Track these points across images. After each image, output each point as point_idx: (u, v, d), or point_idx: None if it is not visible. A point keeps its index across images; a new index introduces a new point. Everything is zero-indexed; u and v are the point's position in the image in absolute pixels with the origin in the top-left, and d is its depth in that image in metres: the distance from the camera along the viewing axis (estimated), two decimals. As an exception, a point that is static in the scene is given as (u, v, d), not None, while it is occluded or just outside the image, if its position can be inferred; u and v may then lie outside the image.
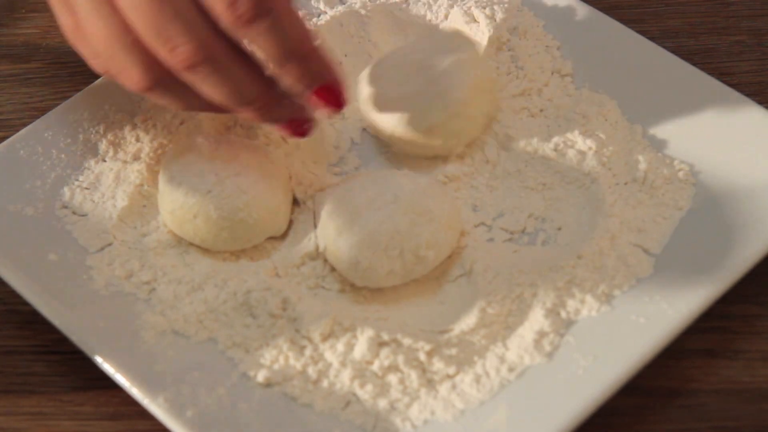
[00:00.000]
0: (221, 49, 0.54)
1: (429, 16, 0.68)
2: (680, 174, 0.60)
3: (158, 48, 0.54)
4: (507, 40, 0.66)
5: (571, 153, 0.62)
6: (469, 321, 0.56)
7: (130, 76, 0.56)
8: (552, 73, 0.65)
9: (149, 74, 0.55)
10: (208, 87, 0.55)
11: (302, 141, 0.63)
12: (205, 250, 0.60)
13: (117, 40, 0.55)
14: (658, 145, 0.62)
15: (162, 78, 0.55)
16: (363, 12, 0.67)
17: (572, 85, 0.65)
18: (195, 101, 0.57)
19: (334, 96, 0.57)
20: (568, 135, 0.62)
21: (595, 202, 0.60)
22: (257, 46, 0.54)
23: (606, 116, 0.63)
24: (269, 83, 0.57)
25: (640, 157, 0.61)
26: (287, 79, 0.56)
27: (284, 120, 0.58)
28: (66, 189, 0.62)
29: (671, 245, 0.58)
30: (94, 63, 0.57)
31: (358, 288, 0.58)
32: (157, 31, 0.53)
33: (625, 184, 0.61)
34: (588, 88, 0.65)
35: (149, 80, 0.55)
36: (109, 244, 0.60)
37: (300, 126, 0.58)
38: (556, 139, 0.62)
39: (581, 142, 0.62)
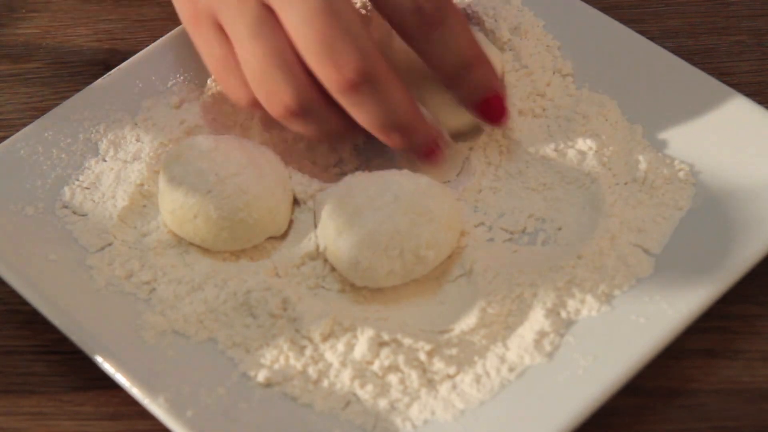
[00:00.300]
0: (383, 69, 0.55)
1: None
2: (680, 174, 0.60)
3: (324, 64, 0.54)
4: (508, 40, 0.66)
5: (571, 153, 0.62)
6: (469, 321, 0.56)
7: (280, 99, 0.56)
8: (553, 73, 0.65)
9: (300, 97, 0.56)
10: (366, 108, 0.55)
11: (302, 141, 0.64)
12: (205, 250, 0.60)
13: (274, 60, 0.55)
14: (658, 145, 0.62)
15: (310, 102, 0.56)
16: (363, 11, 0.67)
17: (573, 85, 0.65)
18: (334, 128, 0.57)
19: (498, 108, 0.59)
20: (569, 135, 0.62)
21: (595, 202, 0.60)
22: (432, 56, 0.56)
23: (606, 116, 0.63)
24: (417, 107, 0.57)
25: (641, 157, 0.61)
26: (457, 91, 0.58)
27: (425, 145, 0.58)
28: (66, 189, 0.62)
29: (671, 245, 0.58)
30: (241, 92, 0.57)
31: (359, 288, 0.58)
32: (327, 46, 0.54)
33: (625, 184, 0.61)
34: (588, 88, 0.65)
35: (299, 103, 0.56)
36: (110, 244, 0.60)
37: (435, 151, 0.59)
38: (556, 140, 0.62)
39: (581, 142, 0.62)
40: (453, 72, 0.57)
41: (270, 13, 0.56)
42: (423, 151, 0.59)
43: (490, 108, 0.59)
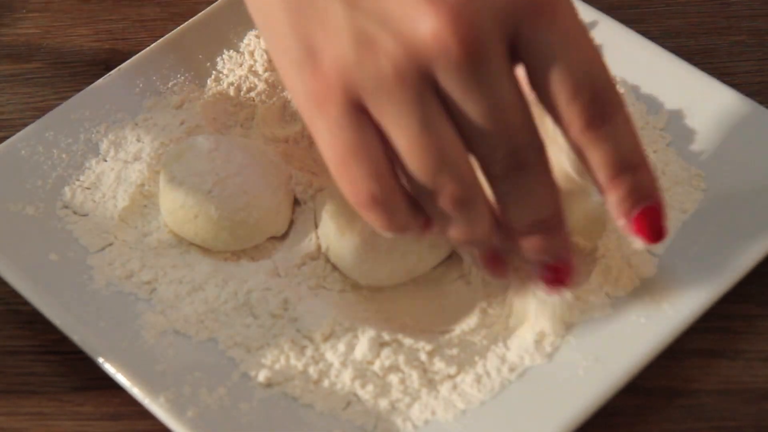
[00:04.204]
0: (545, 163, 0.51)
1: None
2: (692, 177, 0.60)
3: (501, 153, 0.50)
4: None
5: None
6: (469, 321, 0.56)
7: (451, 191, 0.51)
8: None
9: (467, 189, 0.51)
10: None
11: (301, 142, 0.64)
12: (206, 250, 0.60)
13: (447, 153, 0.50)
14: (659, 145, 0.62)
15: (476, 197, 0.52)
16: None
17: None
18: (486, 230, 0.53)
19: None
20: None
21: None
22: (596, 153, 0.51)
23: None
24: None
25: (653, 157, 0.61)
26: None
27: (555, 253, 0.53)
28: (67, 189, 0.62)
29: (672, 246, 0.58)
30: (362, 185, 0.51)
31: (359, 288, 0.58)
32: (511, 148, 0.50)
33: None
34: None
35: (467, 194, 0.51)
36: (110, 244, 0.60)
37: (564, 270, 0.54)
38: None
39: None
40: (616, 171, 0.51)
41: (436, 102, 0.50)
42: (554, 269, 0.54)
43: (648, 221, 0.52)
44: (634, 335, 0.55)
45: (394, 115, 0.49)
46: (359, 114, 0.50)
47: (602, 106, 0.50)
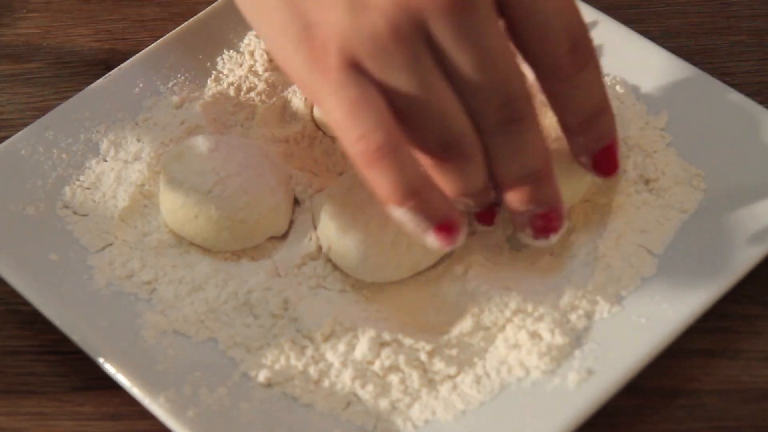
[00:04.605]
0: (534, 111, 0.53)
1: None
2: (692, 177, 0.60)
3: (490, 98, 0.52)
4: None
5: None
6: (469, 322, 0.56)
7: (450, 144, 0.52)
8: None
9: (464, 140, 0.53)
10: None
11: (301, 142, 0.64)
12: (206, 250, 0.60)
13: (434, 97, 0.52)
14: (659, 145, 0.62)
15: (471, 137, 0.53)
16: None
17: None
18: (480, 180, 0.54)
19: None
20: None
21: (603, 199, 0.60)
22: (573, 101, 0.54)
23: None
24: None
25: (655, 156, 0.61)
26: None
27: (545, 203, 0.55)
28: (67, 189, 0.62)
29: (672, 246, 0.58)
30: (375, 135, 0.51)
31: (359, 288, 0.58)
32: (495, 82, 0.52)
33: (634, 183, 0.60)
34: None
35: (461, 134, 0.53)
36: (110, 244, 0.60)
37: (554, 217, 0.55)
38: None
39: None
40: (587, 117, 0.55)
41: (430, 55, 0.51)
42: (544, 216, 0.55)
43: (607, 157, 0.56)
44: (634, 335, 0.55)
45: (392, 70, 0.51)
46: (359, 73, 0.51)
47: (581, 53, 0.53)
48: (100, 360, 0.55)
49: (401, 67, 0.51)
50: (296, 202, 0.62)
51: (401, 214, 0.52)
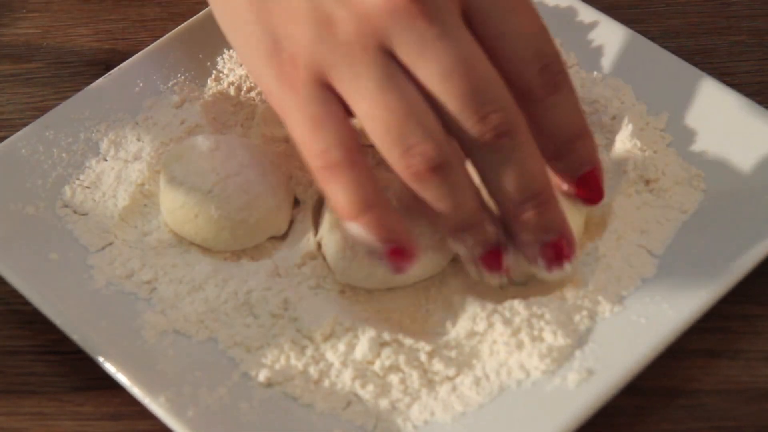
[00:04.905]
0: (525, 129, 0.52)
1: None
2: (692, 177, 0.60)
3: (468, 117, 0.51)
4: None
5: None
6: (469, 324, 0.56)
7: (422, 151, 0.51)
8: None
9: (442, 150, 0.51)
10: (503, 168, 0.52)
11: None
12: (206, 250, 0.60)
13: (412, 111, 0.51)
14: (659, 145, 0.62)
15: (451, 158, 0.51)
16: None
17: (583, 71, 0.65)
18: (468, 201, 0.53)
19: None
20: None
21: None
22: (549, 120, 0.52)
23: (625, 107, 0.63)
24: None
25: (656, 156, 0.61)
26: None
27: (552, 228, 0.53)
28: (67, 188, 0.62)
29: (672, 246, 0.58)
30: (331, 151, 0.52)
31: (359, 288, 0.58)
32: (471, 98, 0.50)
33: (634, 183, 0.60)
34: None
35: (442, 156, 0.51)
36: (110, 244, 0.60)
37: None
38: None
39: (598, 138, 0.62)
40: (563, 141, 0.53)
41: (396, 63, 0.51)
42: (553, 245, 0.54)
43: (589, 184, 0.55)
44: (634, 335, 0.55)
45: (354, 83, 0.51)
46: (325, 89, 0.52)
47: (553, 74, 0.52)
48: (100, 360, 0.55)
49: (368, 83, 0.51)
50: (296, 202, 0.62)
51: (355, 230, 0.53)
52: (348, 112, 0.53)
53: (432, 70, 0.51)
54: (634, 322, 0.55)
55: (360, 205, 0.52)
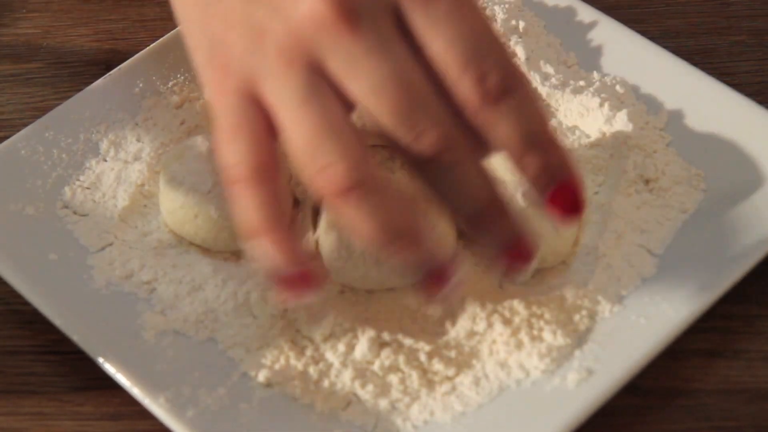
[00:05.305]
0: (462, 141, 0.49)
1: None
2: (692, 177, 0.60)
3: (398, 133, 0.49)
4: (508, 40, 0.66)
5: (583, 146, 0.62)
6: (468, 324, 0.56)
7: (335, 171, 0.49)
8: (558, 65, 0.65)
9: (358, 169, 0.49)
10: (447, 183, 0.49)
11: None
12: (206, 250, 0.60)
13: (328, 128, 0.49)
14: (658, 145, 0.62)
15: (367, 177, 0.49)
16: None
17: (583, 71, 0.65)
18: (393, 217, 0.50)
19: (572, 198, 0.50)
20: (578, 130, 0.63)
21: (603, 199, 0.60)
22: (498, 131, 0.49)
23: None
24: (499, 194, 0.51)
25: (655, 156, 0.61)
26: (526, 172, 0.50)
27: (509, 241, 0.51)
28: (67, 188, 0.62)
29: (672, 245, 0.58)
30: (248, 158, 0.51)
31: (359, 288, 0.58)
32: (403, 115, 0.49)
33: (634, 183, 0.60)
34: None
35: (357, 176, 0.49)
36: (110, 244, 0.60)
37: (522, 252, 0.51)
38: (566, 134, 0.62)
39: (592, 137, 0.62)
40: (522, 147, 0.49)
41: (322, 79, 0.50)
42: (510, 252, 0.51)
43: (562, 198, 0.50)
44: (633, 335, 0.55)
45: (278, 96, 0.50)
46: (250, 100, 0.51)
47: (496, 81, 0.49)
48: (100, 360, 0.55)
49: (291, 97, 0.50)
50: (296, 202, 0.62)
51: (252, 249, 0.52)
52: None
53: (362, 87, 0.49)
54: (634, 322, 0.55)
55: (257, 227, 0.51)
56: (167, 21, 0.71)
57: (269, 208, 0.51)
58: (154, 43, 0.66)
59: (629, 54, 0.65)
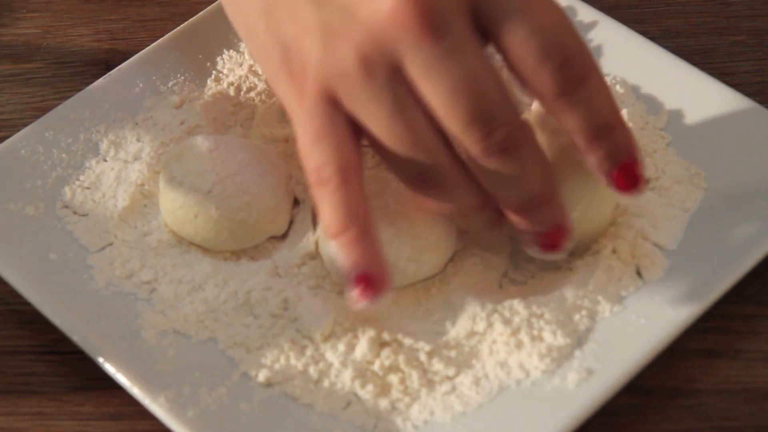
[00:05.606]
0: (531, 137, 0.52)
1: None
2: (692, 177, 0.60)
3: (471, 133, 0.50)
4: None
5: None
6: (468, 324, 0.56)
7: (434, 183, 0.52)
8: None
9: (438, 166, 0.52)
10: (505, 175, 0.52)
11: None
12: (206, 250, 0.60)
13: (417, 143, 0.51)
14: (658, 145, 0.62)
15: (444, 169, 0.52)
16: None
17: None
18: (468, 201, 0.54)
19: (634, 174, 0.53)
20: None
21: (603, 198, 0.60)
22: (571, 119, 0.51)
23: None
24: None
25: (656, 156, 0.61)
26: (593, 156, 0.52)
27: (549, 225, 0.54)
28: (67, 188, 0.62)
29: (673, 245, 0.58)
30: (327, 162, 0.52)
31: (359, 288, 0.58)
32: (477, 116, 0.50)
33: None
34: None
35: (436, 171, 0.52)
36: (110, 244, 0.60)
37: (560, 235, 0.54)
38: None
39: None
40: (594, 134, 0.52)
41: (403, 86, 0.51)
42: (549, 235, 0.54)
43: (627, 175, 0.53)
44: (634, 335, 0.55)
45: (363, 103, 0.51)
46: (331, 104, 0.52)
47: (573, 69, 0.51)
48: (100, 360, 0.55)
49: (371, 100, 0.51)
50: (296, 202, 0.62)
51: (335, 248, 0.53)
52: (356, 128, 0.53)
53: (437, 90, 0.50)
54: (634, 322, 0.55)
55: (341, 225, 0.52)
56: (167, 21, 0.71)
57: (354, 207, 0.52)
58: (154, 43, 0.66)
59: (629, 54, 0.65)
